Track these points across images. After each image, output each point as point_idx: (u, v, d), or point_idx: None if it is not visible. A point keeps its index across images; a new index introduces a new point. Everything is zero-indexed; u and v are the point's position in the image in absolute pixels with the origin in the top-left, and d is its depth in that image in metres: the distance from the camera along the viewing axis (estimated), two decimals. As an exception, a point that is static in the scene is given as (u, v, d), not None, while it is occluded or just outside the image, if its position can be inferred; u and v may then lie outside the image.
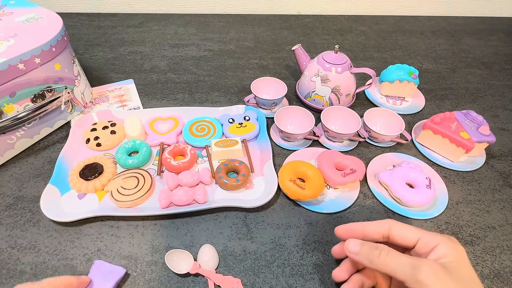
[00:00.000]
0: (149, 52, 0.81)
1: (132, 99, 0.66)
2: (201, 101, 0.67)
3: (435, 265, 0.27)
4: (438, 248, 0.29)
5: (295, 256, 0.43)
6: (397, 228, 0.32)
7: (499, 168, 0.57)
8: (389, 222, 0.32)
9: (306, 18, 1.00)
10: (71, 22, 0.90)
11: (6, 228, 0.45)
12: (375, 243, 0.31)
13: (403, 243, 0.32)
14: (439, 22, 1.02)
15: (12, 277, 0.40)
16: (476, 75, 0.79)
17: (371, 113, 0.60)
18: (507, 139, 0.62)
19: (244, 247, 0.44)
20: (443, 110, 0.68)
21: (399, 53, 0.86)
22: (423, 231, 0.31)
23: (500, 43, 0.92)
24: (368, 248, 0.31)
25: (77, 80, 0.58)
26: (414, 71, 0.67)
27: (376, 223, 0.33)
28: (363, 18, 1.01)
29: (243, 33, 0.91)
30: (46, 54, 0.50)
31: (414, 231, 0.31)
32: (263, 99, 0.61)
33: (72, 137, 0.55)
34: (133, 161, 0.51)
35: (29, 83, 0.50)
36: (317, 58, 0.63)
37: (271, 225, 0.46)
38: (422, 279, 0.26)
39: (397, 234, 0.32)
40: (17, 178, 0.51)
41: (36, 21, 0.54)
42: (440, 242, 0.29)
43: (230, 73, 0.75)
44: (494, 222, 0.48)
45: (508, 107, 0.70)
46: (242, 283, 0.40)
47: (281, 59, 0.81)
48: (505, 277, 0.42)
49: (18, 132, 0.52)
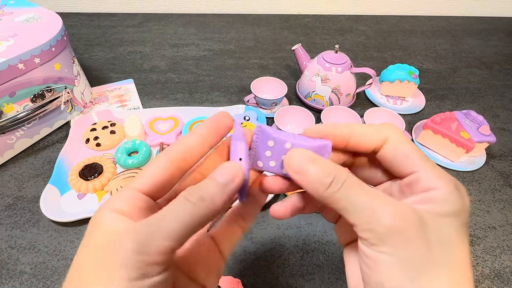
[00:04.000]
0: (149, 52, 0.81)
1: (132, 99, 0.66)
2: (201, 101, 0.67)
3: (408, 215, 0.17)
4: (434, 192, 0.18)
5: (295, 256, 0.43)
6: (396, 147, 0.20)
7: (499, 168, 0.57)
8: (388, 130, 0.20)
9: (306, 18, 1.00)
10: (71, 22, 0.90)
11: (6, 228, 0.45)
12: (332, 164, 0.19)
13: (392, 169, 0.20)
14: (439, 22, 1.01)
15: (12, 277, 0.40)
16: (476, 75, 0.79)
17: (371, 113, 0.60)
18: (508, 139, 0.62)
19: (244, 247, 0.44)
20: (443, 110, 0.68)
21: (400, 53, 0.86)
22: (427, 163, 0.19)
23: (500, 43, 0.92)
24: (319, 170, 0.18)
25: (77, 80, 0.58)
26: (415, 71, 0.67)
27: (370, 128, 0.21)
28: (363, 18, 1.01)
29: (243, 33, 0.91)
30: (45, 54, 0.50)
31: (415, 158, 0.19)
32: (263, 99, 0.61)
33: (72, 137, 0.55)
34: (133, 161, 0.51)
35: (29, 83, 0.50)
36: (317, 58, 0.63)
37: (271, 225, 0.46)
38: (377, 231, 0.17)
39: (393, 155, 0.20)
40: (17, 178, 0.51)
41: (35, 21, 0.54)
42: (440, 186, 0.18)
43: (230, 73, 0.75)
44: (494, 222, 0.48)
45: (508, 107, 0.70)
46: (242, 283, 0.40)
47: (281, 59, 0.81)
48: (506, 277, 0.42)
49: (18, 132, 0.52)
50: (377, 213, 0.17)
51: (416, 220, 0.17)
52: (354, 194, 0.18)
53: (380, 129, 0.20)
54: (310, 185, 0.19)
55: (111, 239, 0.16)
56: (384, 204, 0.17)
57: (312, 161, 0.19)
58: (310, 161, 0.19)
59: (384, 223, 0.17)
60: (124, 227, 0.16)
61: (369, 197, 0.18)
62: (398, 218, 0.17)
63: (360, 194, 0.18)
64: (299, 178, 0.19)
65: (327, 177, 0.18)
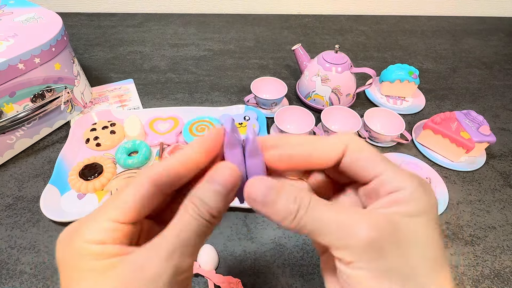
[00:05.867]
0: (149, 52, 0.81)
1: (132, 99, 0.66)
2: (201, 101, 0.67)
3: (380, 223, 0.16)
4: (399, 193, 0.17)
5: (295, 256, 0.43)
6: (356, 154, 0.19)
7: (499, 168, 0.57)
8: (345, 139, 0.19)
9: (306, 18, 1.00)
10: (71, 22, 0.90)
11: (6, 228, 0.45)
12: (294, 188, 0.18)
13: (356, 176, 0.19)
14: (439, 22, 1.01)
15: (12, 277, 0.40)
16: (476, 75, 0.79)
17: (371, 113, 0.60)
18: (508, 139, 0.62)
19: (244, 247, 0.44)
20: (443, 110, 0.68)
21: (400, 53, 0.86)
22: (388, 165, 0.18)
23: (500, 43, 0.92)
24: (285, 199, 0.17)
25: (77, 80, 0.58)
26: (415, 71, 0.67)
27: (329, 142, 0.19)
28: (363, 18, 1.01)
29: (243, 33, 0.91)
30: (45, 54, 0.50)
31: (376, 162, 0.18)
32: (263, 99, 0.61)
33: (72, 137, 0.55)
34: (133, 161, 0.51)
35: (29, 83, 0.50)
36: (317, 58, 0.63)
37: (271, 225, 0.46)
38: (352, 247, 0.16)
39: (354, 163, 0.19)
40: (17, 178, 0.51)
41: (35, 21, 0.54)
42: (404, 186, 0.17)
43: (230, 73, 0.75)
44: (494, 222, 0.48)
45: (508, 107, 0.70)
46: (242, 283, 0.40)
47: (281, 59, 0.81)
48: (506, 277, 0.42)
49: (18, 132, 0.52)
50: (348, 228, 0.16)
51: (388, 226, 0.16)
52: (321, 215, 0.17)
53: (337, 141, 0.19)
54: (277, 216, 0.17)
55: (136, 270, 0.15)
56: (353, 218, 0.17)
57: (277, 191, 0.17)
58: (275, 192, 0.17)
59: (358, 237, 0.16)
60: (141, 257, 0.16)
61: (336, 214, 0.17)
62: (371, 229, 0.16)
63: (327, 214, 0.17)
64: (265, 211, 0.18)
65: (294, 203, 0.17)
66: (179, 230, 0.16)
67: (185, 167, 0.18)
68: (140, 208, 0.17)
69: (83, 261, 0.16)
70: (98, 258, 0.15)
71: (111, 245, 0.16)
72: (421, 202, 0.17)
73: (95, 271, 0.15)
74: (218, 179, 0.18)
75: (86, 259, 0.16)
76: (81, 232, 0.16)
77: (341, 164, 0.19)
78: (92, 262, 0.15)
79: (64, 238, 0.16)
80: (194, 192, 0.17)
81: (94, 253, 0.16)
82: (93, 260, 0.15)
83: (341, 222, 0.17)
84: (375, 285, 0.16)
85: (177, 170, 0.18)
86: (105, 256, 0.16)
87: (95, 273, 0.15)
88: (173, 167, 0.18)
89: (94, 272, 0.15)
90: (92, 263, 0.15)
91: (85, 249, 0.16)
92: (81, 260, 0.16)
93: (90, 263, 0.15)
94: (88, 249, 0.16)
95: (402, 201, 0.17)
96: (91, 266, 0.15)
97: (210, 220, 0.17)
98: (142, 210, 0.17)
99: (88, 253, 0.16)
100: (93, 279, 0.15)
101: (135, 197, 0.17)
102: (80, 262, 0.16)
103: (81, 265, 0.16)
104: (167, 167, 0.18)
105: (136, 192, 0.17)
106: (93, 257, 0.15)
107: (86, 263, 0.15)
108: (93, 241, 0.16)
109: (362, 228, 0.16)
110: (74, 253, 0.16)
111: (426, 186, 0.18)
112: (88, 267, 0.15)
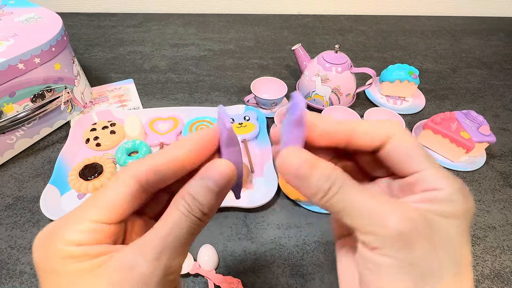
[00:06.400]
0: (149, 52, 0.81)
1: (132, 99, 0.66)
2: (201, 101, 0.67)
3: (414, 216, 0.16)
4: (437, 193, 0.17)
5: (295, 256, 0.43)
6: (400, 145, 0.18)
7: (499, 168, 0.57)
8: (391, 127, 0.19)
9: (306, 18, 1.00)
10: (71, 22, 0.90)
11: (6, 228, 0.45)
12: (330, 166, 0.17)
13: (394, 167, 0.19)
14: (439, 22, 1.01)
15: (12, 277, 0.40)
16: (476, 75, 0.79)
17: (372, 113, 0.60)
18: (508, 139, 0.62)
19: (244, 247, 0.44)
20: (443, 110, 0.68)
21: (400, 53, 0.86)
22: (431, 163, 0.18)
23: (500, 43, 0.92)
24: (319, 175, 0.17)
25: (77, 80, 0.58)
26: (415, 71, 0.67)
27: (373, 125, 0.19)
28: (363, 18, 1.01)
29: (243, 33, 0.91)
30: (45, 54, 0.50)
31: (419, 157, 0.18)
32: (263, 99, 0.61)
33: (72, 137, 0.55)
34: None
35: (29, 83, 0.50)
36: (317, 58, 0.63)
37: (271, 225, 0.46)
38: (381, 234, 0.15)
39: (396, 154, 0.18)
40: (17, 178, 0.51)
41: (36, 21, 0.54)
42: (444, 187, 0.17)
43: (230, 73, 0.75)
44: (494, 222, 0.48)
45: (508, 107, 0.70)
46: (242, 283, 0.40)
47: (281, 59, 0.81)
48: (506, 277, 0.42)
49: (18, 132, 0.52)
50: (380, 216, 0.16)
51: (421, 221, 0.16)
52: (352, 198, 0.17)
53: (383, 127, 0.19)
54: (307, 190, 0.17)
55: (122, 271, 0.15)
56: (387, 206, 0.16)
57: (311, 166, 0.17)
58: (309, 166, 0.17)
59: (389, 226, 0.15)
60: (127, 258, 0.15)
61: (370, 199, 0.16)
62: (404, 220, 0.16)
63: (359, 197, 0.17)
64: (297, 183, 0.17)
65: (326, 182, 0.17)
66: (168, 228, 0.16)
67: (172, 168, 0.17)
68: (123, 208, 0.16)
69: (65, 265, 0.15)
70: (80, 260, 0.15)
71: (94, 246, 0.15)
72: (458, 205, 0.17)
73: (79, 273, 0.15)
74: (211, 175, 0.17)
75: (68, 262, 0.15)
76: (60, 234, 0.15)
77: (381, 151, 0.19)
78: (75, 265, 0.15)
79: (41, 241, 0.15)
80: (186, 188, 0.17)
81: (76, 255, 0.15)
82: (75, 262, 0.15)
83: (373, 208, 0.16)
84: (396, 275, 0.16)
85: (164, 170, 0.17)
86: (88, 258, 0.15)
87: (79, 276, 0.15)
88: (160, 167, 0.17)
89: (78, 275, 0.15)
90: (75, 265, 0.15)
91: (66, 252, 0.15)
92: (62, 264, 0.15)
93: (72, 266, 0.15)
94: (69, 252, 0.15)
95: (439, 200, 0.17)
96: (74, 269, 0.15)
97: (201, 218, 0.17)
98: (126, 209, 0.16)
99: (69, 255, 0.15)
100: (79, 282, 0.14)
101: (118, 196, 0.16)
102: (62, 266, 0.15)
103: (63, 268, 0.15)
104: (153, 166, 0.17)
105: (119, 191, 0.16)
106: (74, 259, 0.15)
107: (68, 266, 0.15)
108: (73, 242, 0.15)
109: (395, 218, 0.16)
110: (54, 256, 0.15)
111: (466, 191, 0.17)
112: (71, 270, 0.15)
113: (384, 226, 0.16)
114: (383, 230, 0.16)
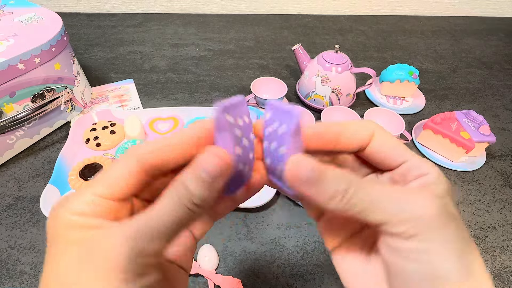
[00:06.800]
0: (149, 52, 0.81)
1: (132, 99, 0.66)
2: (201, 101, 0.67)
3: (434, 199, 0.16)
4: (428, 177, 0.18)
5: (295, 256, 0.43)
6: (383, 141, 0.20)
7: (499, 168, 0.57)
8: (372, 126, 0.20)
9: (306, 18, 1.00)
10: (71, 22, 0.90)
11: (6, 228, 0.45)
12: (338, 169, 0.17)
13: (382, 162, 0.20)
14: (439, 22, 1.01)
15: (12, 277, 0.40)
16: (476, 75, 0.79)
17: (371, 113, 0.60)
18: (508, 139, 0.62)
19: (244, 247, 0.44)
20: (443, 110, 0.68)
21: (400, 53, 0.86)
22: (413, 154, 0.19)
23: (500, 43, 0.92)
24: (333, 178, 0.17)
25: (77, 80, 0.58)
26: (415, 71, 0.67)
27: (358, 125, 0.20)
28: (363, 18, 1.01)
29: (243, 33, 0.91)
30: (45, 54, 0.50)
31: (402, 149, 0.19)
32: (263, 99, 0.61)
33: (72, 137, 0.55)
34: (133, 161, 0.51)
35: (29, 83, 0.50)
36: (317, 58, 0.63)
37: (271, 225, 0.46)
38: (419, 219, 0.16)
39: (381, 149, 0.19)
40: (17, 178, 0.51)
41: (36, 21, 0.54)
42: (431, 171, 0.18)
43: (230, 73, 0.75)
44: (494, 222, 0.48)
45: (508, 107, 0.70)
46: (242, 283, 0.40)
47: (281, 59, 0.81)
48: (505, 277, 0.42)
49: (18, 132, 0.52)
50: (411, 202, 0.16)
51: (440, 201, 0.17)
52: (373, 193, 0.16)
53: (366, 126, 0.20)
54: (323, 196, 0.17)
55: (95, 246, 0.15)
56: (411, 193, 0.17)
57: (323, 170, 0.16)
58: (320, 171, 0.16)
59: (424, 210, 0.16)
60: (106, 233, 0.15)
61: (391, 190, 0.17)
62: (434, 202, 0.16)
63: (381, 191, 0.17)
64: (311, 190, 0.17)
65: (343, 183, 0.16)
66: (155, 212, 0.16)
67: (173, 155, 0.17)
68: (123, 185, 0.17)
69: (66, 233, 0.16)
70: (78, 230, 0.15)
71: (92, 218, 0.16)
72: (445, 185, 0.18)
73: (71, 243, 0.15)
74: (203, 165, 0.16)
75: (69, 230, 0.15)
76: (66, 204, 0.16)
77: (368, 148, 0.20)
78: (73, 233, 0.15)
79: (53, 211, 0.16)
80: (179, 176, 0.16)
81: (77, 224, 0.15)
82: (73, 230, 0.15)
83: (400, 197, 0.16)
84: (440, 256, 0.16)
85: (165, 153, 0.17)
86: (85, 228, 0.15)
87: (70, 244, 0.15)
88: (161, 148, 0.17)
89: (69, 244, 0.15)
90: (73, 233, 0.15)
91: (68, 220, 0.16)
92: (64, 231, 0.16)
93: (71, 233, 0.15)
94: (71, 220, 0.16)
95: (431, 183, 0.18)
96: (71, 237, 0.15)
97: (191, 208, 0.16)
98: (125, 187, 0.17)
99: (71, 224, 0.16)
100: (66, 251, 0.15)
101: (118, 174, 0.17)
102: (64, 233, 0.16)
103: (64, 236, 0.16)
104: (155, 148, 0.17)
105: (120, 170, 0.17)
106: (76, 228, 0.15)
107: (69, 233, 0.15)
108: (75, 212, 0.16)
109: (426, 201, 0.16)
110: (60, 224, 0.16)
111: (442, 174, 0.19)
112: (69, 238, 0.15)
113: (418, 211, 0.16)
114: (419, 215, 0.16)
